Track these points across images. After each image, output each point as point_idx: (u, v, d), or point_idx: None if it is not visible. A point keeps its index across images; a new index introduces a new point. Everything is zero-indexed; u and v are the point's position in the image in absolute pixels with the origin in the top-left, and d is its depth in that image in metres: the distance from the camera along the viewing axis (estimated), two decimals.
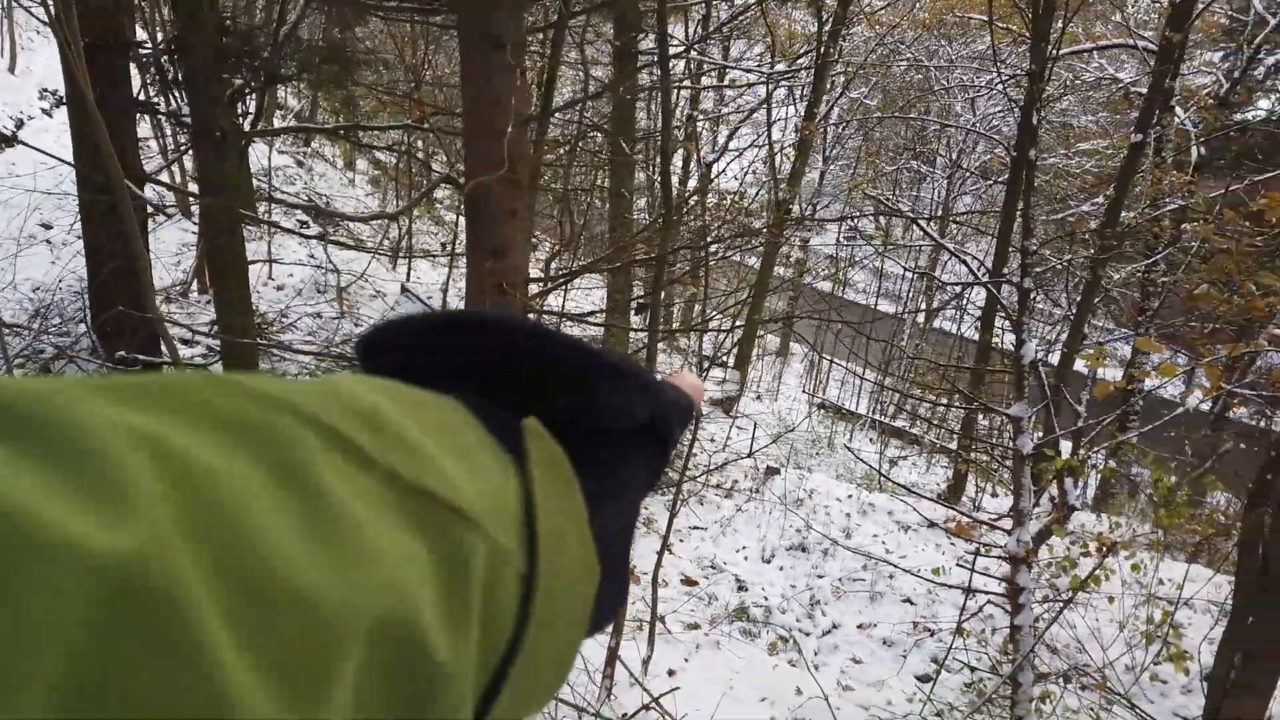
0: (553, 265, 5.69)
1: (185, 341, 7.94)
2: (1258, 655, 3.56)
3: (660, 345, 11.36)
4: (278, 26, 7.38)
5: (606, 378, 0.35)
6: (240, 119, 7.89)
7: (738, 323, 8.48)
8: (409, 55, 10.62)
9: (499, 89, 3.04)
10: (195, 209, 9.24)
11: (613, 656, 4.65)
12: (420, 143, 11.05)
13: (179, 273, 9.13)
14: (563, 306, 9.51)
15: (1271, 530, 3.59)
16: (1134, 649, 6.05)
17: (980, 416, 9.45)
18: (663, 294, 12.30)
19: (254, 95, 8.57)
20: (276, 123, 12.43)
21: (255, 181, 9.91)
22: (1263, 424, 11.23)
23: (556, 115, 8.78)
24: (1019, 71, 6.98)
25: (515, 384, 0.34)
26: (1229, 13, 10.99)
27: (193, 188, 8.80)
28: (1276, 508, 3.51)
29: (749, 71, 11.63)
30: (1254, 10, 10.05)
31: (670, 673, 5.61)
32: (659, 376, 0.43)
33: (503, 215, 3.46)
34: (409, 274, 11.03)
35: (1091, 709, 5.43)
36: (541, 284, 4.44)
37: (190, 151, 7.42)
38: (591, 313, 3.71)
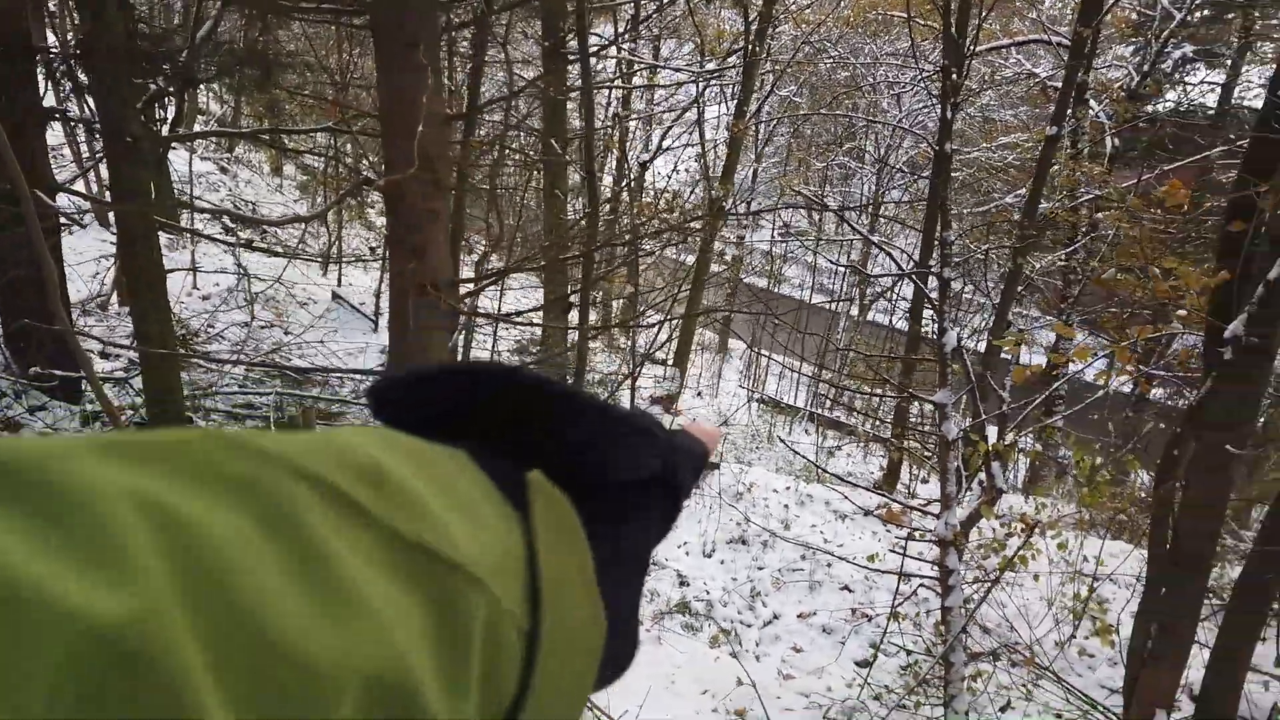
0: (485, 265, 5.66)
1: (105, 355, 7.69)
2: (1170, 626, 3.69)
3: (600, 345, 11.36)
4: (194, 29, 7.20)
5: (614, 431, 0.35)
6: (157, 124, 7.67)
7: (670, 318, 8.51)
8: (334, 57, 10.44)
9: (412, 88, 3.01)
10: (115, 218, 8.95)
11: None
12: (350, 146, 10.87)
13: (98, 284, 8.84)
14: (499, 307, 9.44)
15: (1181, 505, 3.73)
16: (1061, 625, 6.25)
17: (912, 405, 9.64)
18: (596, 292, 12.35)
19: (171, 100, 8.34)
20: (198, 129, 12.11)
21: (176, 188, 9.65)
22: (1181, 404, 11.68)
23: (490, 115, 8.74)
24: (939, 68, 7.14)
25: (521, 435, 0.33)
26: (1137, 8, 11.40)
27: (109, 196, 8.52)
28: (1186, 482, 3.65)
29: (678, 70, 11.70)
30: (1160, 6, 10.44)
31: None
32: (675, 424, 0.42)
33: (423, 216, 3.43)
34: (340, 279, 10.84)
35: (1024, 685, 5.58)
36: (469, 284, 4.40)
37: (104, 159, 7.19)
38: (521, 312, 3.70)
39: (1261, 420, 9.01)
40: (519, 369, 0.34)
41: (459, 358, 5.12)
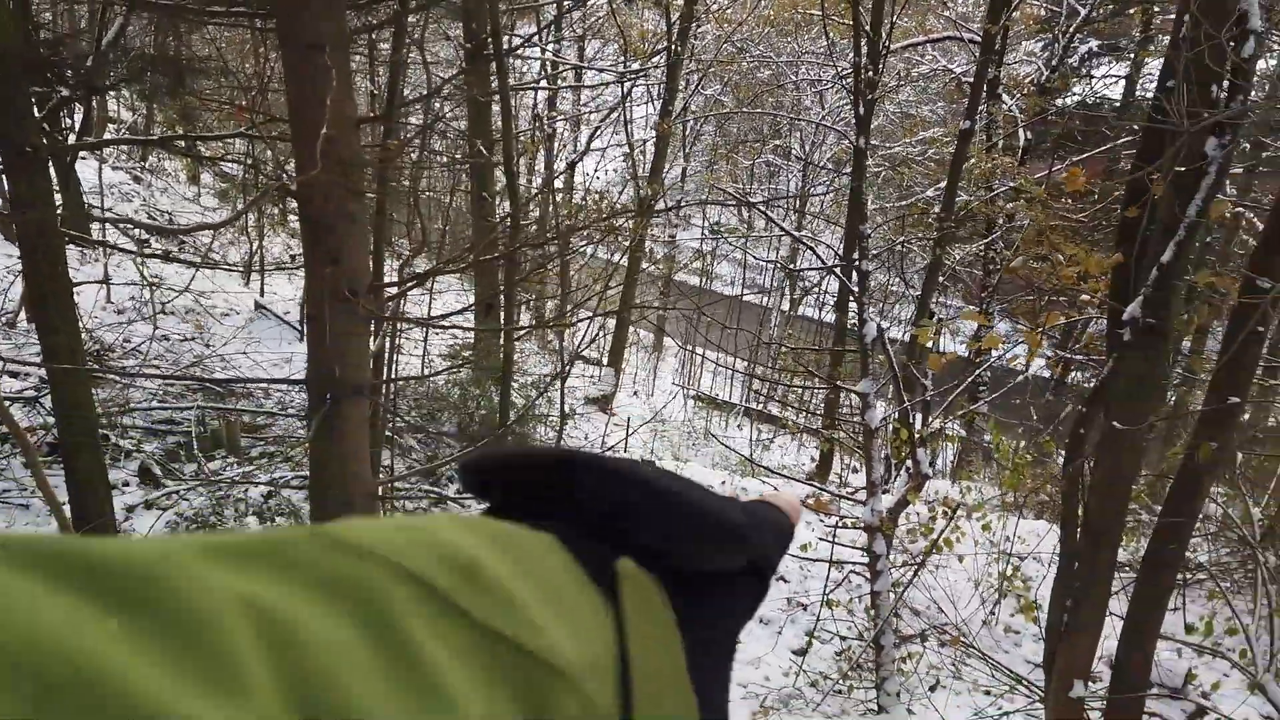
0: (408, 269, 5.59)
1: (13, 374, 7.39)
2: (1084, 600, 3.83)
3: (534, 346, 11.31)
4: (99, 34, 6.96)
5: (702, 526, 0.34)
6: (63, 133, 7.40)
7: (599, 314, 8.52)
8: (249, 62, 10.20)
9: (319, 91, 2.97)
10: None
11: None
12: (270, 152, 10.61)
13: (3, 300, 8.49)
14: (429, 311, 9.34)
15: (1091, 483, 3.88)
16: (988, 604, 6.43)
17: (841, 396, 9.82)
18: (529, 294, 12.29)
19: (77, 107, 8.05)
20: (109, 137, 11.69)
21: (86, 199, 9.31)
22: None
23: (414, 118, 8.62)
24: (856, 66, 7.29)
25: (608, 519, 0.33)
26: (1045, 5, 11.79)
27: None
28: (1094, 461, 3.79)
29: (603, 71, 11.71)
30: (1066, 2, 10.81)
31: None
32: (756, 497, 0.42)
33: (337, 220, 3.38)
34: (263, 289, 10.60)
35: (952, 664, 5.73)
36: (391, 288, 4.35)
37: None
38: (444, 315, 3.67)
39: (1172, 399, 9.40)
40: (607, 457, 0.34)
41: (384, 364, 5.05)
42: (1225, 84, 3.20)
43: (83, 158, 10.46)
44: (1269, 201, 3.63)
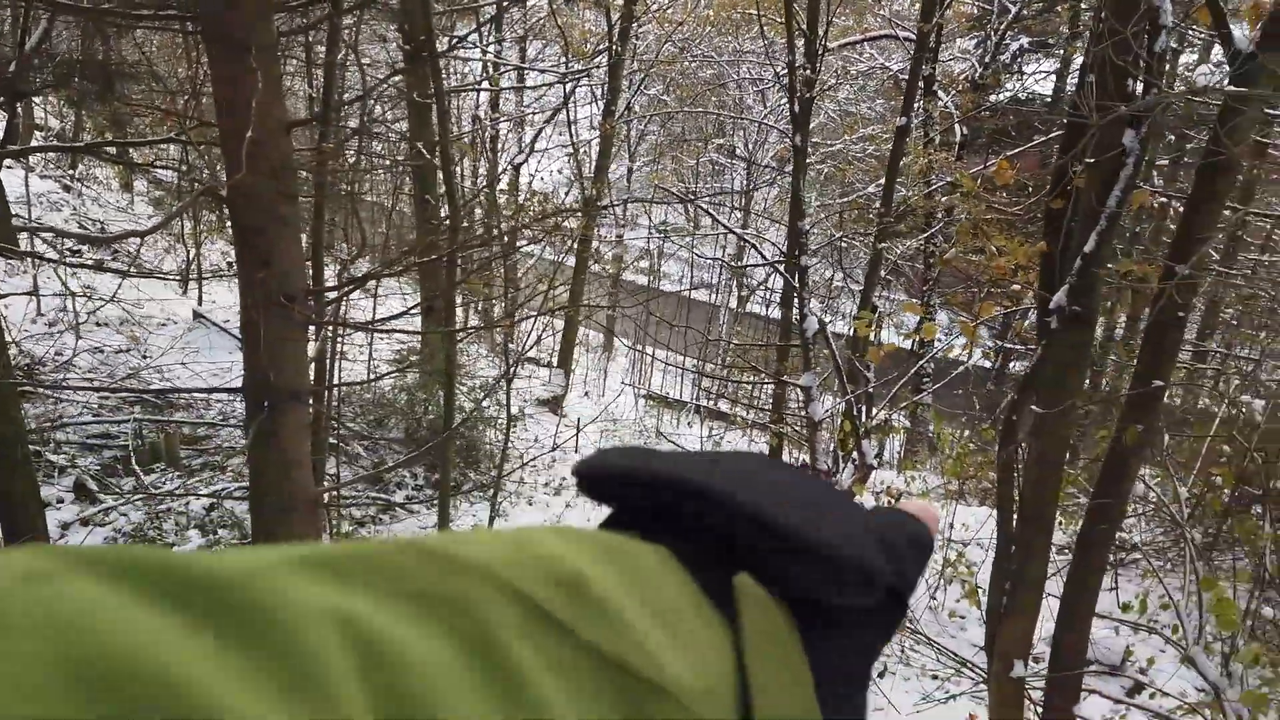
0: (347, 273, 5.53)
1: None
2: (1021, 582, 3.93)
3: (483, 349, 11.24)
4: (21, 38, 6.76)
5: (836, 576, 0.31)
6: None
7: (544, 312, 8.50)
8: (181, 66, 9.99)
9: (247, 93, 2.93)
10: None
11: None
12: (205, 158, 10.39)
13: None
14: (373, 315, 9.21)
15: (1025, 467, 3.98)
16: (935, 591, 6.56)
17: (788, 390, 9.93)
18: (476, 298, 12.20)
19: (1, 114, 7.81)
20: (38, 145, 11.36)
21: (13, 209, 9.03)
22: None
23: (352, 120, 8.51)
24: (797, 65, 7.38)
25: (727, 536, 0.31)
26: (977, 3, 12.06)
27: None
28: (1028, 446, 3.90)
29: (544, 72, 11.69)
30: (997, 1, 11.08)
31: None
32: (895, 503, 0.40)
33: (270, 223, 3.33)
34: (201, 298, 10.38)
35: (901, 650, 5.84)
36: (329, 292, 4.30)
37: None
38: (384, 319, 3.64)
39: (1107, 385, 9.68)
40: (715, 485, 0.31)
41: (325, 369, 4.99)
42: (1140, 78, 3.31)
43: (8, 166, 10.15)
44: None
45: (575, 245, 9.98)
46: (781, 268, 6.24)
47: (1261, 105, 3.40)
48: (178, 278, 10.50)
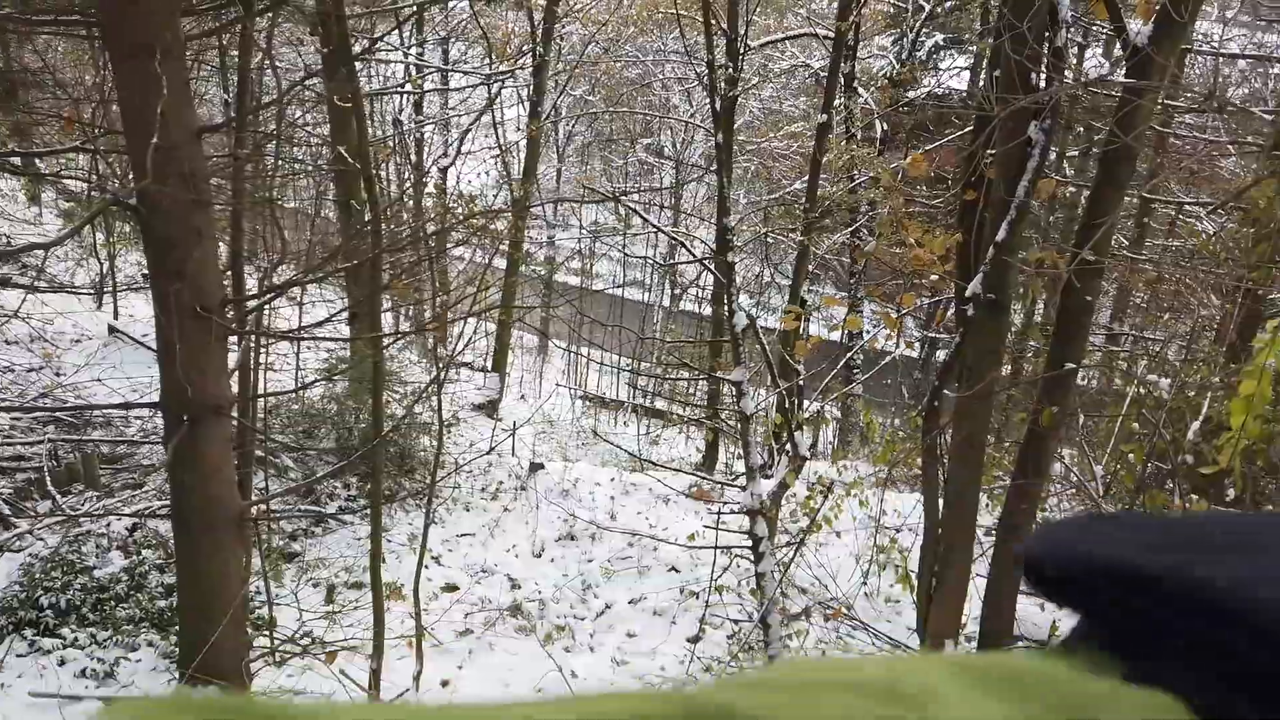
0: (269, 281, 5.40)
1: None
2: (947, 563, 4.05)
3: (415, 355, 11.08)
4: None
5: None
6: None
7: (473, 314, 8.43)
8: (87, 73, 9.61)
9: (154, 99, 2.84)
10: None
11: (375, 678, 4.51)
12: (117, 167, 10.03)
13: None
14: (299, 322, 9.01)
15: (950, 451, 4.10)
16: (870, 578, 6.69)
17: (722, 386, 10.03)
18: (407, 304, 12.03)
19: None
20: None
21: None
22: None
23: (268, 125, 8.31)
24: (719, 64, 7.47)
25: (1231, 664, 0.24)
26: (893, 2, 12.35)
27: None
28: (953, 430, 4.01)
29: (468, 74, 11.58)
30: None
31: (444, 683, 5.54)
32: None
33: (183, 234, 3.24)
34: (116, 312, 10.02)
35: (838, 637, 5.95)
36: (249, 301, 4.20)
37: None
38: (305, 327, 3.56)
39: (1028, 370, 9.99)
40: (1199, 578, 0.24)
41: (249, 380, 4.87)
42: (1042, 72, 3.44)
43: None
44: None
45: (506, 247, 9.92)
46: (711, 264, 6.30)
47: (1155, 96, 3.56)
48: (90, 292, 10.12)
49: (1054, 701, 0.21)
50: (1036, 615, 5.61)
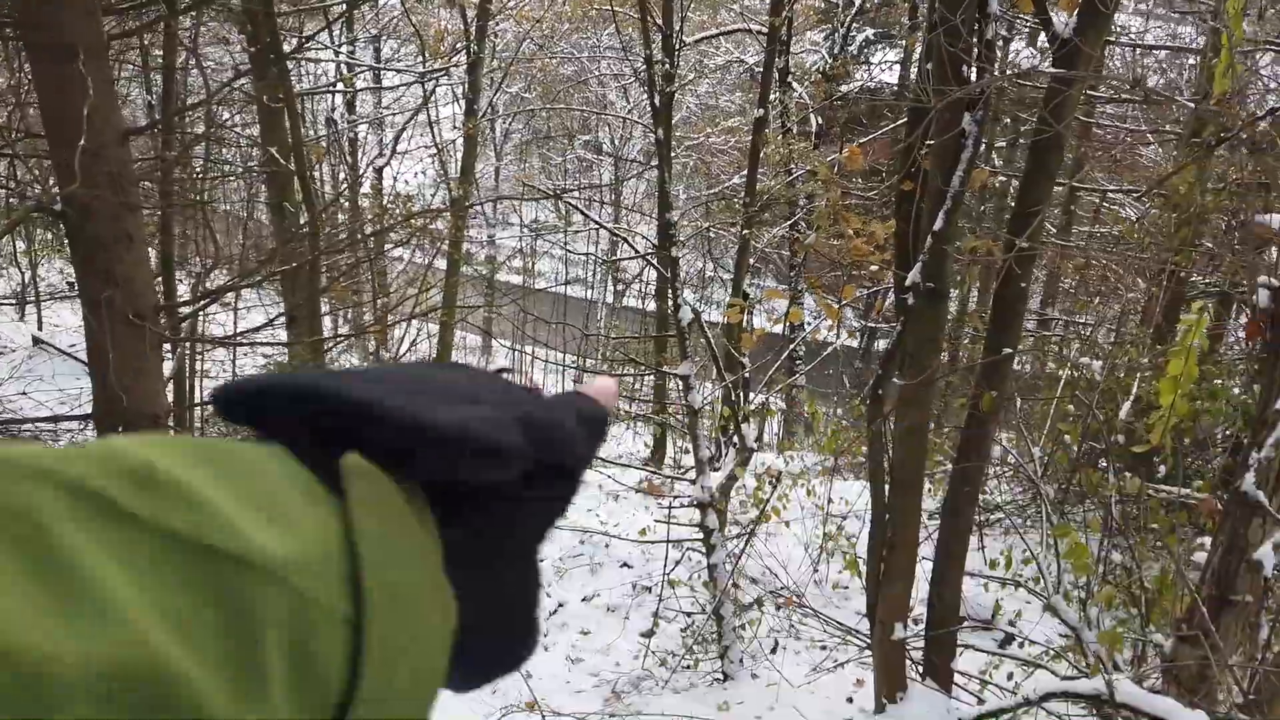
0: (202, 286, 5.26)
1: None
2: (895, 548, 4.13)
3: (357, 357, 10.90)
4: None
5: (467, 430, 0.32)
6: None
7: (415, 315, 8.34)
8: (4, 75, 9.23)
9: (77, 101, 2.75)
10: None
11: None
12: (38, 172, 9.65)
13: None
14: (235, 327, 8.80)
15: (894, 438, 4.18)
16: (818, 565, 6.79)
17: (669, 380, 10.08)
18: (345, 306, 11.82)
19: None
20: None
21: None
22: None
23: (195, 127, 8.08)
24: (655, 60, 7.49)
25: (360, 434, 0.31)
26: None
27: None
28: (897, 417, 4.09)
29: (401, 72, 11.42)
30: None
31: None
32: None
33: (112, 239, 3.14)
34: (41, 322, 9.67)
35: (790, 625, 6.03)
36: (183, 307, 4.09)
37: None
38: (243, 332, 3.48)
39: (965, 357, 10.24)
40: (317, 377, 0.31)
41: (185, 388, 4.74)
42: (972, 64, 3.52)
43: None
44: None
45: (446, 247, 9.81)
46: (654, 260, 6.31)
47: (1082, 86, 3.67)
48: (13, 302, 9.75)
49: (191, 448, 0.27)
50: (981, 596, 5.75)
